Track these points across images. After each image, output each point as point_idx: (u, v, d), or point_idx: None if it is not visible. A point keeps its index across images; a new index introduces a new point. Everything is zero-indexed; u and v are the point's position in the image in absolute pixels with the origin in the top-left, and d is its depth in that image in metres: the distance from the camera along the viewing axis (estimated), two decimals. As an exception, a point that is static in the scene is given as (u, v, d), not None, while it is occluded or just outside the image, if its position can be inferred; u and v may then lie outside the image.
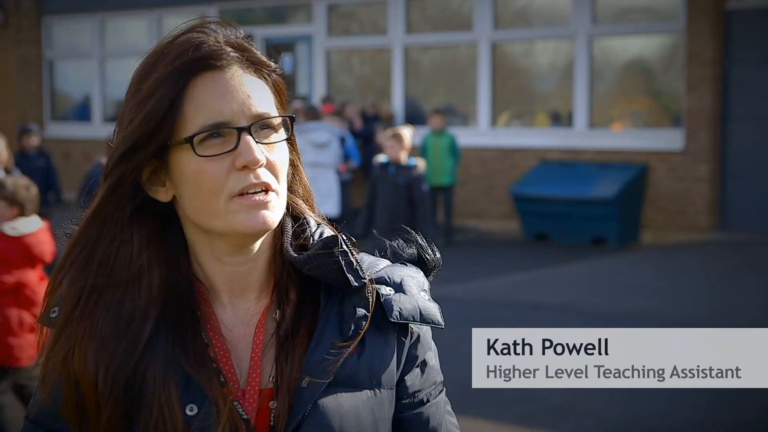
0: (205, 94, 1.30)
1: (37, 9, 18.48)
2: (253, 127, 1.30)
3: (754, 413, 5.92)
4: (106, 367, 1.30)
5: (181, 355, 1.32)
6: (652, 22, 12.93)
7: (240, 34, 1.36)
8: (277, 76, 1.37)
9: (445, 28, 14.51)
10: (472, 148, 13.76)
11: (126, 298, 1.33)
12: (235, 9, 16.49)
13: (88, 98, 18.39)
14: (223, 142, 1.30)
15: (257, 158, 1.29)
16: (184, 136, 1.30)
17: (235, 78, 1.31)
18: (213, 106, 1.29)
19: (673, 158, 12.46)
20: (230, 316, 1.38)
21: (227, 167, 1.30)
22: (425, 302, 1.41)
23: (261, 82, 1.34)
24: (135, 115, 1.30)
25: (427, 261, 1.47)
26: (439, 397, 1.43)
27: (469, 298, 8.86)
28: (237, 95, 1.30)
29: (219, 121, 1.29)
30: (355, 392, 1.34)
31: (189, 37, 1.33)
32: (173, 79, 1.29)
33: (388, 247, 1.49)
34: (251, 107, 1.31)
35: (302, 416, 1.31)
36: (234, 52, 1.32)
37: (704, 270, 10.47)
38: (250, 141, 1.29)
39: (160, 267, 1.35)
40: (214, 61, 1.30)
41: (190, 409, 1.30)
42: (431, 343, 1.45)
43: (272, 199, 1.32)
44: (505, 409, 5.99)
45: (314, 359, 1.33)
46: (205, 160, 1.29)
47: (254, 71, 1.34)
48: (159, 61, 1.31)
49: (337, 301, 1.38)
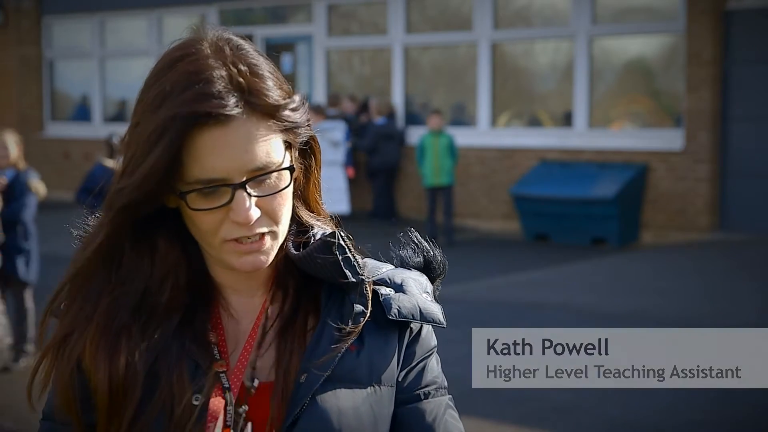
0: (202, 148, 1.27)
1: (37, 9, 18.48)
2: (249, 183, 1.29)
3: (754, 413, 5.92)
4: (127, 364, 1.32)
5: (189, 340, 1.35)
6: (652, 22, 12.93)
7: (248, 60, 1.31)
8: (289, 111, 1.32)
9: (445, 28, 14.51)
10: (472, 148, 13.76)
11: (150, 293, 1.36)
12: (235, 9, 16.49)
13: (88, 98, 18.39)
14: (218, 195, 1.29)
15: (249, 218, 1.29)
16: (180, 186, 1.30)
17: (236, 131, 1.27)
18: (208, 162, 1.27)
19: (673, 158, 12.46)
20: (232, 308, 1.41)
21: (221, 217, 1.30)
22: (426, 302, 1.42)
23: (264, 129, 1.30)
24: (138, 160, 1.29)
25: (432, 268, 1.48)
26: (439, 399, 1.43)
27: (469, 298, 8.86)
28: (234, 151, 1.27)
29: (213, 177, 1.28)
30: (354, 389, 1.35)
31: (195, 71, 1.27)
32: (175, 132, 1.26)
33: (395, 256, 1.50)
34: (248, 162, 1.28)
35: (300, 410, 1.32)
36: (239, 100, 1.28)
37: (704, 270, 10.47)
38: (244, 198, 1.29)
39: (185, 265, 1.38)
40: (217, 116, 1.26)
41: (196, 399, 1.32)
42: (432, 344, 1.45)
43: (266, 243, 1.33)
44: (505, 409, 5.99)
45: (313, 355, 1.35)
46: (199, 212, 1.31)
47: (261, 115, 1.30)
48: (165, 97, 1.27)
49: (337, 299, 1.39)
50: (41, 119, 18.72)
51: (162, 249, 1.37)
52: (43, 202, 7.93)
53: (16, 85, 18.84)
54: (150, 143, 1.27)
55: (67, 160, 17.78)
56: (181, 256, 1.37)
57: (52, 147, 18.06)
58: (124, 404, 1.32)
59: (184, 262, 1.37)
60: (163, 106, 1.27)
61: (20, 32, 18.69)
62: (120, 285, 1.36)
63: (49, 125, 18.70)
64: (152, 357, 1.33)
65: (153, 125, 1.27)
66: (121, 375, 1.31)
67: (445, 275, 1.50)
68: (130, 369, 1.32)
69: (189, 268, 1.38)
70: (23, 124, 18.29)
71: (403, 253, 1.49)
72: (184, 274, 1.37)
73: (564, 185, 12.50)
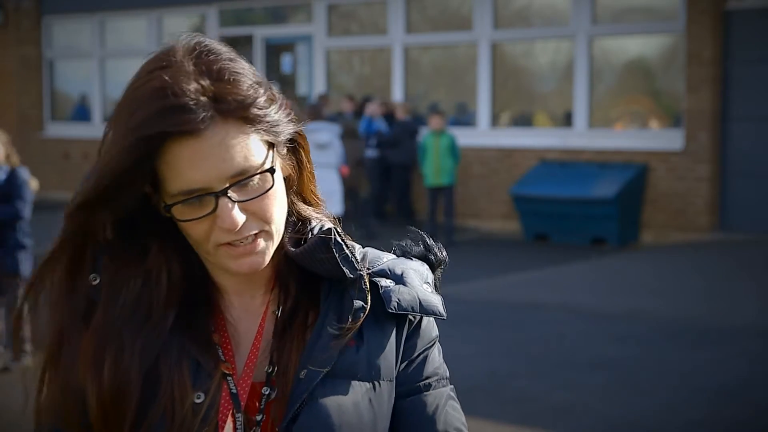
0: (179, 161, 1.26)
1: (37, 9, 18.49)
2: (230, 189, 1.28)
3: (754, 413, 5.92)
4: (127, 367, 1.32)
5: (189, 340, 1.35)
6: (651, 22, 12.93)
7: (219, 65, 1.29)
8: (257, 109, 1.30)
9: (445, 28, 14.51)
10: (472, 148, 13.76)
11: (144, 295, 1.35)
12: (235, 9, 16.49)
13: (88, 98, 18.39)
14: (203, 204, 1.29)
15: (234, 224, 1.29)
16: (165, 200, 1.30)
17: (210, 140, 1.26)
18: (187, 174, 1.27)
19: (673, 158, 12.46)
20: (234, 310, 1.41)
21: (209, 225, 1.30)
22: (426, 293, 1.41)
23: (239, 133, 1.29)
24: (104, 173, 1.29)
25: (432, 260, 1.48)
26: (440, 390, 1.43)
27: (469, 298, 8.86)
28: (211, 160, 1.26)
29: (194, 188, 1.28)
30: (354, 384, 1.35)
31: (162, 86, 1.26)
32: (143, 150, 1.26)
33: (395, 247, 1.49)
34: (227, 170, 1.27)
35: (300, 406, 1.32)
36: (208, 110, 1.26)
37: (704, 270, 10.47)
38: (227, 205, 1.28)
39: (179, 261, 1.38)
40: (188, 128, 1.25)
41: (198, 397, 1.32)
42: (433, 334, 1.45)
43: (260, 244, 1.33)
44: (505, 409, 5.99)
45: (313, 351, 1.34)
46: (188, 222, 1.31)
47: (234, 119, 1.28)
48: (133, 113, 1.27)
49: (337, 295, 1.39)
50: (41, 119, 18.73)
51: (154, 250, 1.37)
52: (43, 202, 7.94)
53: (16, 85, 18.84)
54: (115, 158, 1.27)
55: (66, 160, 17.79)
56: (173, 255, 1.37)
57: (52, 147, 18.06)
58: (119, 414, 1.31)
59: (176, 260, 1.37)
60: (131, 121, 1.26)
61: (20, 32, 18.69)
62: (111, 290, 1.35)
63: (48, 125, 18.70)
64: (152, 359, 1.33)
65: (122, 139, 1.27)
66: (113, 387, 1.31)
67: (446, 265, 1.49)
68: (122, 379, 1.31)
69: (183, 266, 1.37)
70: (23, 124, 18.30)
71: (403, 243, 1.49)
72: (177, 271, 1.37)
73: (564, 185, 12.50)
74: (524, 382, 6.53)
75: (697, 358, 7.03)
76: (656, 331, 7.79)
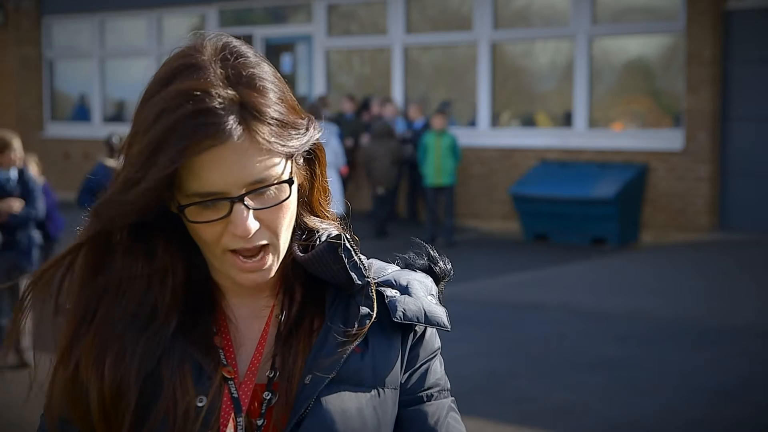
0: (199, 164, 1.25)
1: (37, 9, 18.49)
2: (247, 195, 1.28)
3: (754, 413, 5.92)
4: (127, 368, 1.32)
5: (191, 343, 1.35)
6: (651, 22, 12.93)
7: (249, 71, 1.28)
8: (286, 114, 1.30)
9: (445, 28, 14.51)
10: (473, 148, 13.76)
11: (148, 296, 1.35)
12: (235, 9, 16.49)
13: (88, 98, 18.39)
14: (217, 207, 1.29)
15: (248, 231, 1.28)
16: (179, 199, 1.29)
17: (233, 146, 1.26)
18: (205, 177, 1.26)
19: (673, 158, 12.46)
20: (238, 314, 1.41)
21: (221, 228, 1.30)
22: (431, 305, 1.41)
23: (262, 141, 1.27)
24: (132, 178, 1.27)
25: (436, 272, 1.48)
26: (441, 401, 1.43)
27: (469, 298, 8.86)
28: (232, 166, 1.26)
29: (211, 191, 1.27)
30: (358, 391, 1.35)
31: (192, 88, 1.25)
32: (171, 153, 1.24)
33: (398, 259, 1.49)
34: (246, 176, 1.27)
35: (304, 412, 1.31)
36: (237, 117, 1.26)
37: (704, 270, 10.47)
38: (242, 211, 1.28)
39: (184, 262, 1.37)
40: (216, 137, 1.24)
41: (200, 401, 1.32)
42: (436, 345, 1.45)
43: (267, 258, 1.33)
44: (505, 409, 5.99)
45: (318, 356, 1.34)
46: (199, 224, 1.30)
47: (258, 128, 1.27)
48: (160, 115, 1.25)
49: (342, 301, 1.39)
50: (41, 119, 18.73)
51: (159, 251, 1.36)
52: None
53: (16, 85, 18.84)
54: (143, 165, 1.26)
55: (67, 160, 17.78)
56: (178, 256, 1.37)
57: (52, 147, 18.06)
58: (119, 414, 1.31)
59: (181, 261, 1.37)
60: (159, 123, 1.25)
61: (20, 32, 18.69)
62: (116, 290, 1.35)
63: (49, 125, 18.70)
64: (153, 362, 1.33)
65: (149, 146, 1.25)
66: (113, 388, 1.31)
67: (451, 278, 1.49)
68: (121, 381, 1.31)
69: (187, 268, 1.37)
70: (23, 124, 18.29)
71: (407, 255, 1.49)
72: (181, 272, 1.36)
73: (564, 185, 12.50)
74: (524, 382, 6.53)
75: (697, 358, 7.03)
76: (656, 331, 7.79)
